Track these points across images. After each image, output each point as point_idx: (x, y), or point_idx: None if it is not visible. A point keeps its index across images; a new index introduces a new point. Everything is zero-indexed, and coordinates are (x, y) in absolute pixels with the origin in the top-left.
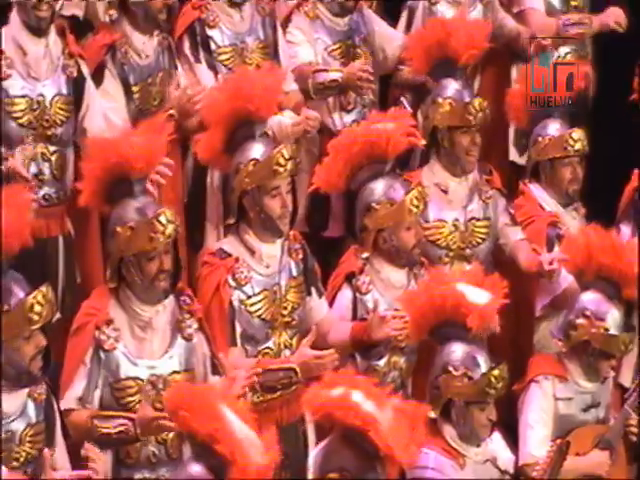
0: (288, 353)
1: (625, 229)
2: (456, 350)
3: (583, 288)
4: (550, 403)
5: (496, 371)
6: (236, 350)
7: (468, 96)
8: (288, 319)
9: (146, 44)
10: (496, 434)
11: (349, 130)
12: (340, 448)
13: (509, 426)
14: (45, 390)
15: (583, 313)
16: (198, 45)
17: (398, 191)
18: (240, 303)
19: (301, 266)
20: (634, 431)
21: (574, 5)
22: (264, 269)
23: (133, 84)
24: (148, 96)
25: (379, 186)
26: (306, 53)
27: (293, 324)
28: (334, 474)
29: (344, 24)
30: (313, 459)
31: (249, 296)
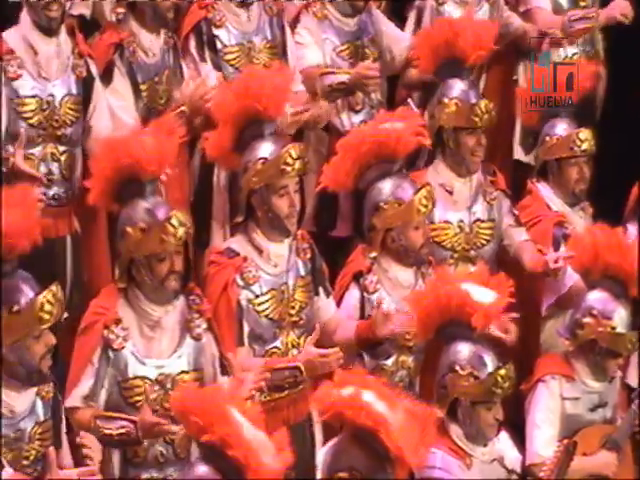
0: (296, 353)
1: (632, 228)
2: (462, 349)
3: (590, 287)
4: (557, 403)
5: (502, 370)
6: (244, 350)
7: (474, 97)
8: (296, 319)
9: (153, 42)
10: (503, 433)
11: (358, 129)
12: (350, 448)
13: (516, 426)
14: (52, 388)
15: (590, 312)
16: (204, 44)
17: (407, 191)
18: (248, 302)
19: (309, 265)
20: None
21: (583, 5)
22: (272, 268)
23: (141, 82)
24: (155, 94)
25: (387, 185)
26: (313, 55)
27: (301, 324)
28: (343, 473)
29: (353, 24)
30: (322, 458)
31: (257, 295)
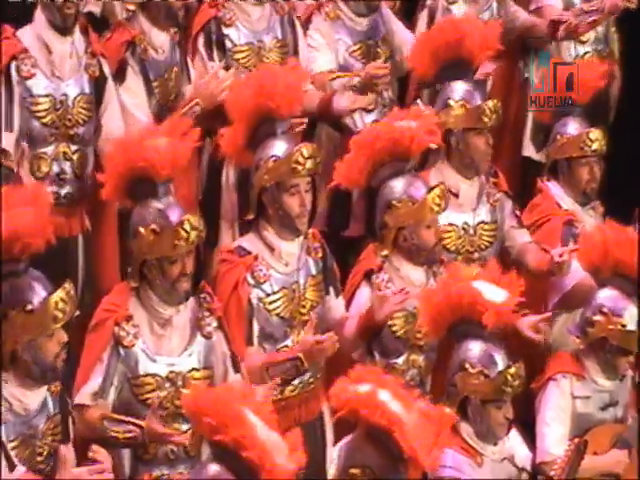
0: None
1: None
2: (473, 348)
3: (600, 285)
4: (568, 401)
5: (512, 369)
6: (253, 349)
7: (481, 98)
8: (307, 317)
9: (162, 39)
10: (513, 432)
11: (372, 127)
12: (364, 446)
13: (526, 424)
14: (59, 382)
15: (600, 310)
16: (212, 43)
17: (419, 189)
18: (259, 301)
19: (320, 265)
20: None
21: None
22: (283, 267)
23: (152, 79)
24: (166, 91)
25: (400, 184)
26: (324, 60)
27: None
28: (356, 470)
29: (365, 24)
30: (336, 454)
31: (268, 294)
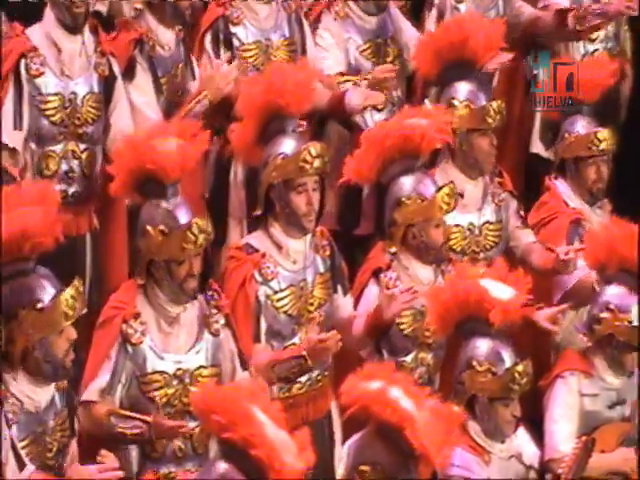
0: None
1: None
2: (480, 345)
3: (605, 282)
4: (575, 399)
5: (520, 367)
6: (260, 346)
7: (485, 98)
8: (315, 315)
9: (169, 37)
10: (521, 430)
11: (383, 123)
12: (374, 443)
13: (534, 422)
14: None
15: (607, 307)
16: (220, 42)
17: (429, 187)
18: (266, 298)
19: (328, 263)
20: None
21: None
22: (291, 265)
23: (160, 76)
24: (173, 88)
25: (410, 181)
26: (333, 61)
27: (320, 320)
28: (366, 467)
29: (374, 23)
30: (346, 451)
31: (275, 291)
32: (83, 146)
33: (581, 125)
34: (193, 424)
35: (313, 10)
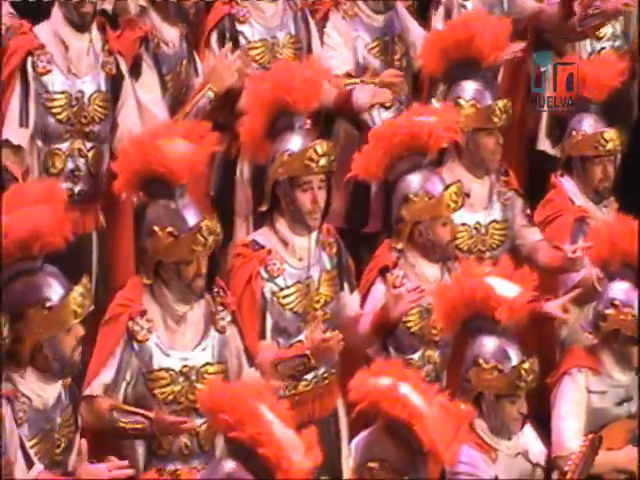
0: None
1: None
2: (487, 343)
3: (609, 278)
4: (583, 396)
5: (526, 364)
6: (266, 343)
7: (491, 97)
8: (321, 312)
9: (173, 34)
10: (527, 427)
11: (391, 120)
12: (382, 439)
13: (541, 419)
14: None
15: (612, 302)
16: (226, 40)
17: (436, 185)
18: (272, 295)
19: (335, 260)
20: None
21: None
22: (297, 261)
23: (165, 74)
24: (178, 85)
25: (417, 178)
26: (341, 60)
27: (326, 318)
28: (374, 463)
29: (381, 21)
30: (354, 448)
31: (281, 288)
32: (90, 145)
33: (588, 124)
34: (199, 421)
35: (319, 8)
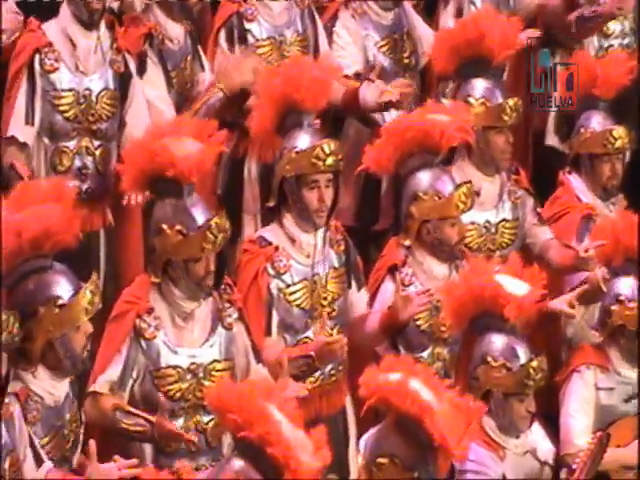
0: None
1: None
2: (495, 341)
3: (614, 274)
4: (592, 393)
5: (535, 362)
6: (271, 340)
7: (501, 95)
8: (328, 309)
9: (178, 31)
10: (536, 425)
11: (404, 115)
12: (392, 434)
13: (549, 417)
14: None
15: (617, 298)
16: (234, 38)
17: (446, 185)
18: (279, 292)
19: (343, 257)
20: None
21: None
22: (304, 258)
23: (170, 70)
24: (183, 81)
25: (427, 176)
26: (351, 60)
27: (333, 314)
28: (383, 459)
29: (390, 18)
30: (363, 444)
31: (288, 285)
32: (97, 142)
33: (597, 121)
34: (206, 418)
35: (328, 7)
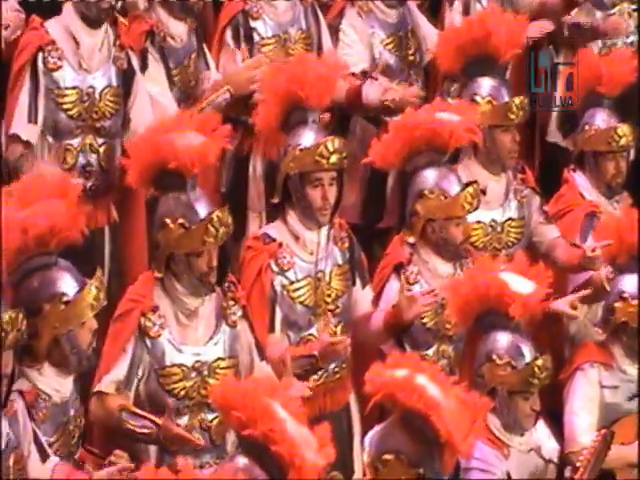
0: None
1: None
2: (500, 339)
3: (618, 272)
4: (596, 391)
5: (540, 361)
6: (275, 337)
7: (508, 94)
8: (332, 307)
9: (181, 29)
10: (540, 423)
11: (413, 112)
12: (398, 431)
13: (554, 415)
14: None
15: (620, 295)
16: (240, 36)
17: (453, 184)
18: (282, 288)
19: (347, 255)
20: None
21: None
22: (308, 255)
23: (172, 67)
24: (186, 78)
25: (433, 174)
26: (357, 58)
27: (337, 312)
28: (389, 456)
29: (395, 16)
30: (368, 441)
31: (292, 282)
32: (101, 140)
33: (601, 119)
34: (211, 416)
35: (334, 5)
